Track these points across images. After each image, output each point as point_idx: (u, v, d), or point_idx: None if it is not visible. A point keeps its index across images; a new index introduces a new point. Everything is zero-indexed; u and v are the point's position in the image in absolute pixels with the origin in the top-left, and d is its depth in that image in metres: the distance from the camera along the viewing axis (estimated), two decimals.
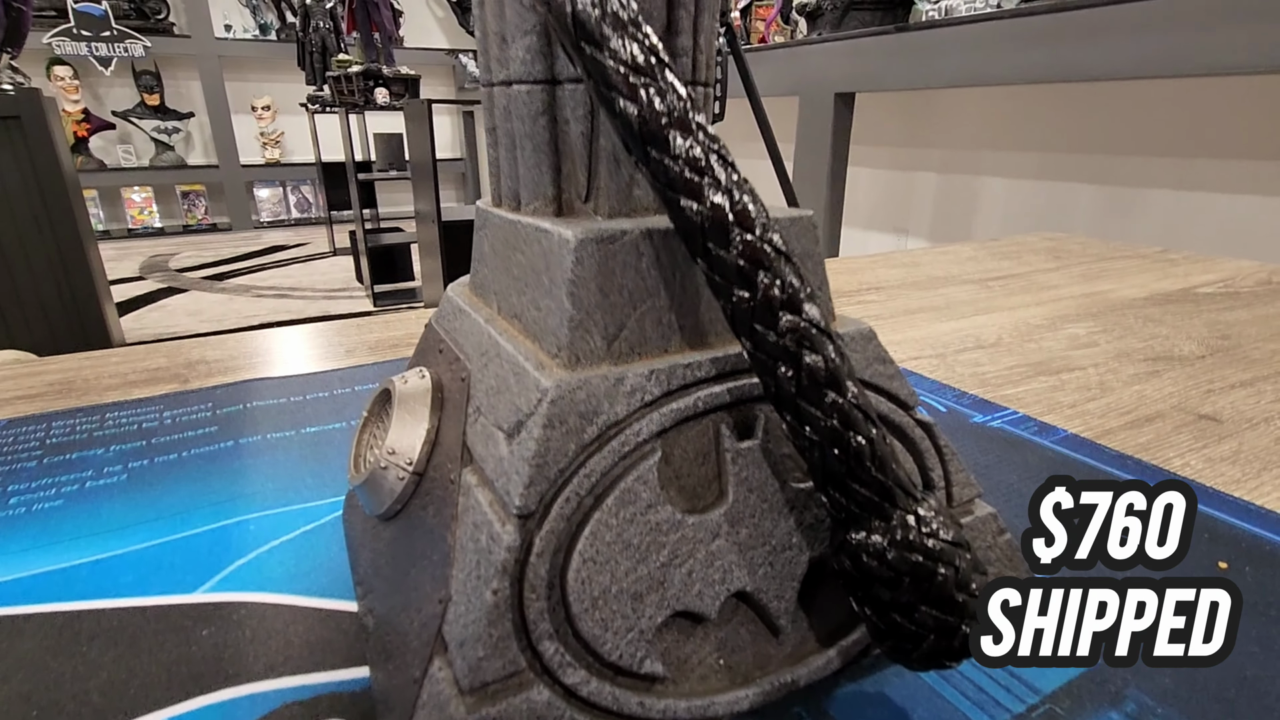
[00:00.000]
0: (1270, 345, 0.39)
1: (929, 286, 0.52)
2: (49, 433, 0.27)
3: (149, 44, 4.10)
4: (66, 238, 1.93)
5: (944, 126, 2.46)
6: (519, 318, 0.16)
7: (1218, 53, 1.25)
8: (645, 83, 0.13)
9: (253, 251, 4.06)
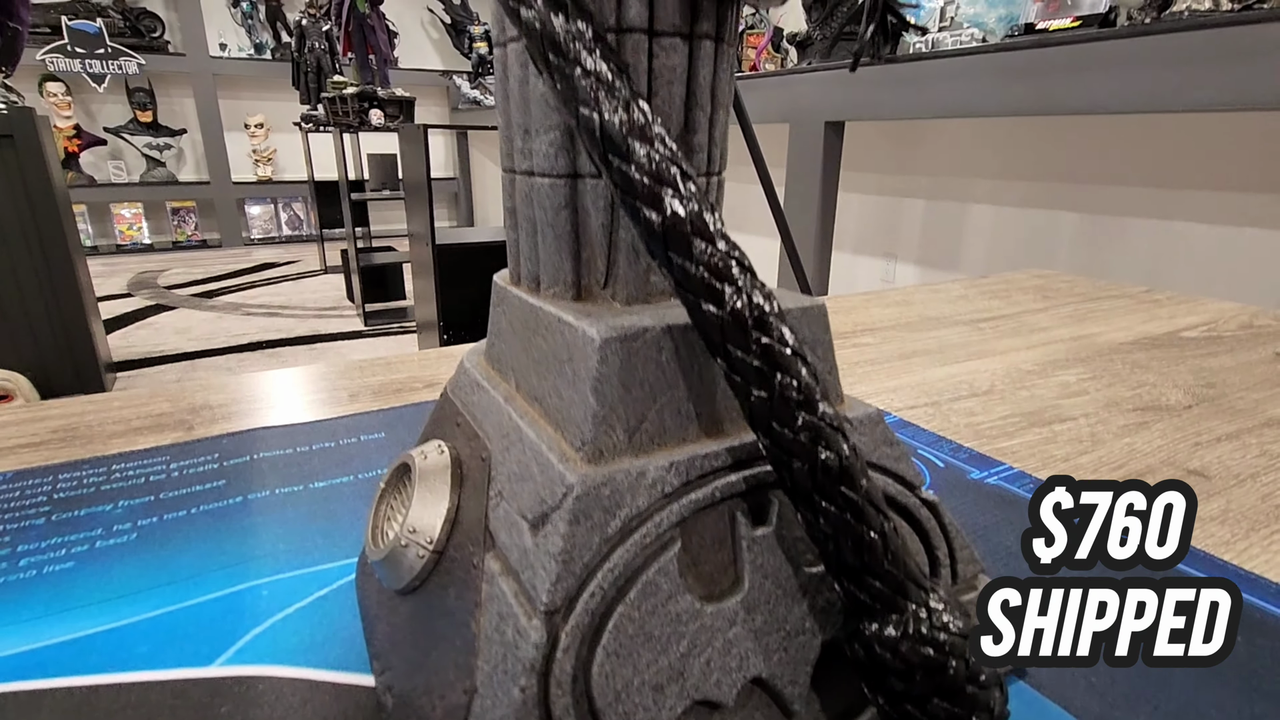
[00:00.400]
0: (1253, 394, 0.40)
1: (921, 328, 0.53)
2: (56, 486, 0.27)
3: (143, 61, 4.10)
4: (55, 256, 1.92)
5: (932, 154, 2.51)
6: (540, 401, 0.17)
7: (1194, 90, 1.29)
8: (668, 192, 0.13)
9: (243, 269, 4.04)
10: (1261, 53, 1.21)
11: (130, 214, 4.44)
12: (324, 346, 2.64)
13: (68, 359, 2.00)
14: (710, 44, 0.16)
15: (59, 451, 0.31)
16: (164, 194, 4.50)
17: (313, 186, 4.00)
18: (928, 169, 2.55)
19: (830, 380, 0.17)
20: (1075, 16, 1.53)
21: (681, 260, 0.13)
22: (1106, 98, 1.44)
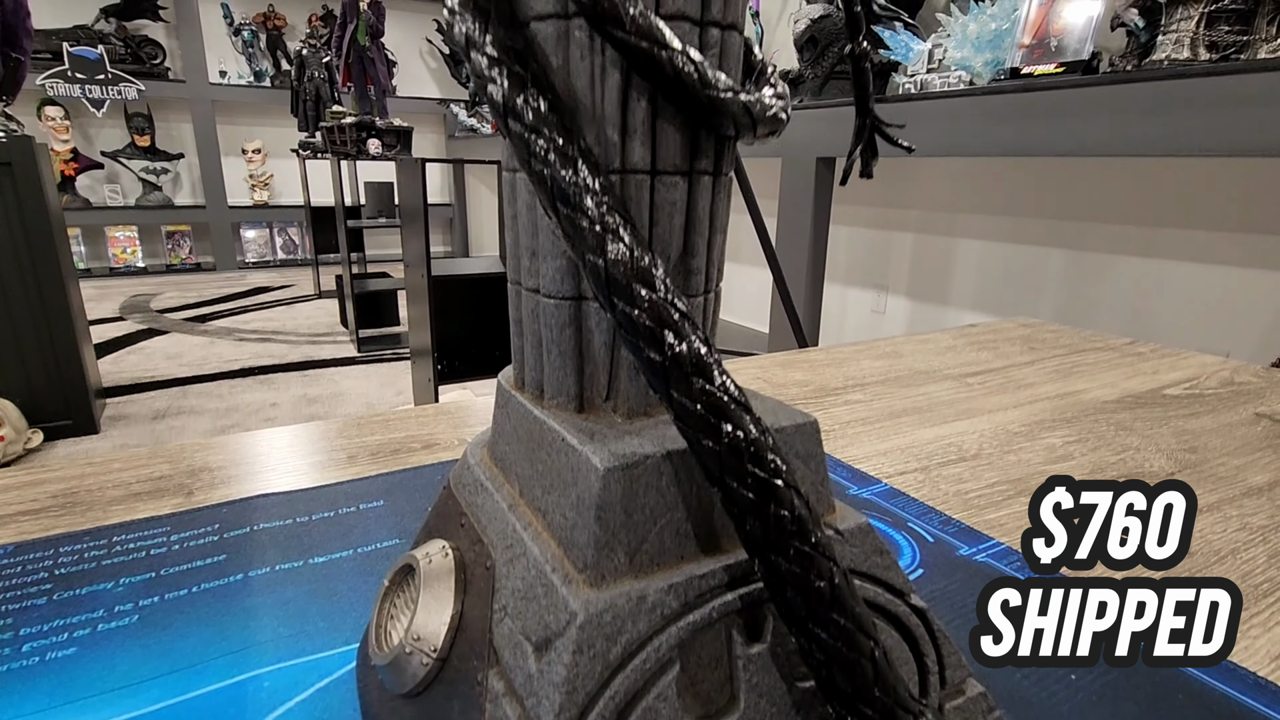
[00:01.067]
0: (1234, 460, 0.41)
1: (911, 383, 0.54)
2: (57, 561, 0.27)
3: (143, 87, 4.14)
4: (48, 283, 1.91)
5: (920, 189, 2.55)
6: (543, 513, 0.17)
7: (1173, 136, 1.33)
8: (669, 334, 0.14)
9: (237, 293, 4.04)
10: (1237, 102, 1.24)
11: (125, 237, 4.44)
12: (316, 373, 2.63)
13: (57, 385, 1.99)
14: (708, 178, 0.17)
15: (59, 520, 0.31)
16: (159, 217, 4.51)
17: (309, 211, 4.02)
18: (917, 203, 2.59)
19: (822, 491, 0.18)
20: (1059, 63, 1.58)
21: (681, 397, 0.14)
22: (1089, 141, 1.48)
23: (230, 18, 4.54)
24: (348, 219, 2.98)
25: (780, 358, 0.59)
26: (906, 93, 2.00)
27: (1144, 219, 1.93)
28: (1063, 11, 1.60)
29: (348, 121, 2.67)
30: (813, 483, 0.18)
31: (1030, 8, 1.68)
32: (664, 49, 0.14)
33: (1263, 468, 0.40)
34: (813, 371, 0.56)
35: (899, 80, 2.05)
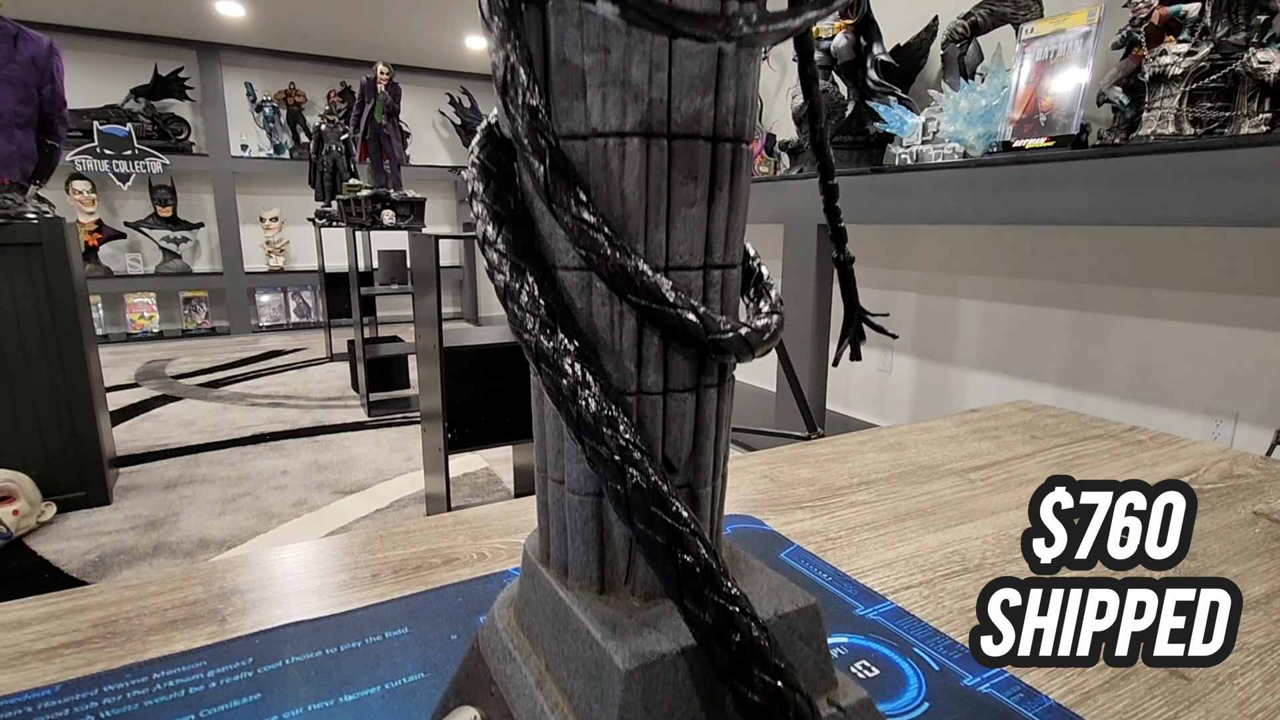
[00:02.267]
0: (1231, 568, 0.42)
1: (915, 479, 0.55)
2: (102, 703, 0.29)
3: (167, 161, 4.31)
4: (70, 356, 1.96)
5: (922, 250, 2.60)
6: (569, 696, 0.19)
7: (1159, 207, 1.37)
8: (686, 556, 0.16)
9: (250, 357, 4.11)
10: (1222, 176, 1.28)
11: (143, 303, 4.54)
12: (327, 438, 2.65)
13: (73, 456, 2.01)
14: (713, 390, 0.19)
15: (101, 652, 0.33)
16: (177, 284, 4.62)
17: (322, 277, 4.12)
18: (919, 264, 2.64)
19: (825, 668, 0.20)
20: (1049, 137, 1.64)
21: (693, 606, 0.16)
22: (1080, 211, 1.52)
23: (253, 95, 4.76)
24: (361, 285, 3.05)
25: (787, 453, 0.61)
26: (903, 163, 2.06)
27: (1144, 280, 1.96)
28: (1049, 88, 1.67)
29: (363, 194, 2.77)
30: (815, 662, 0.20)
31: (1019, 84, 1.75)
32: (671, 307, 0.16)
33: (1260, 576, 0.41)
34: (819, 468, 0.57)
35: (895, 151, 2.12)
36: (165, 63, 4.44)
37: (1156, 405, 1.94)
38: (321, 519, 1.96)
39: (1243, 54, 1.39)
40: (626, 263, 0.16)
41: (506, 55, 0.15)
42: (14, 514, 1.79)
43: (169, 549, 1.77)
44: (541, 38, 0.17)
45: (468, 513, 0.49)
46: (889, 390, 2.80)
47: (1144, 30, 1.48)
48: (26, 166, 1.91)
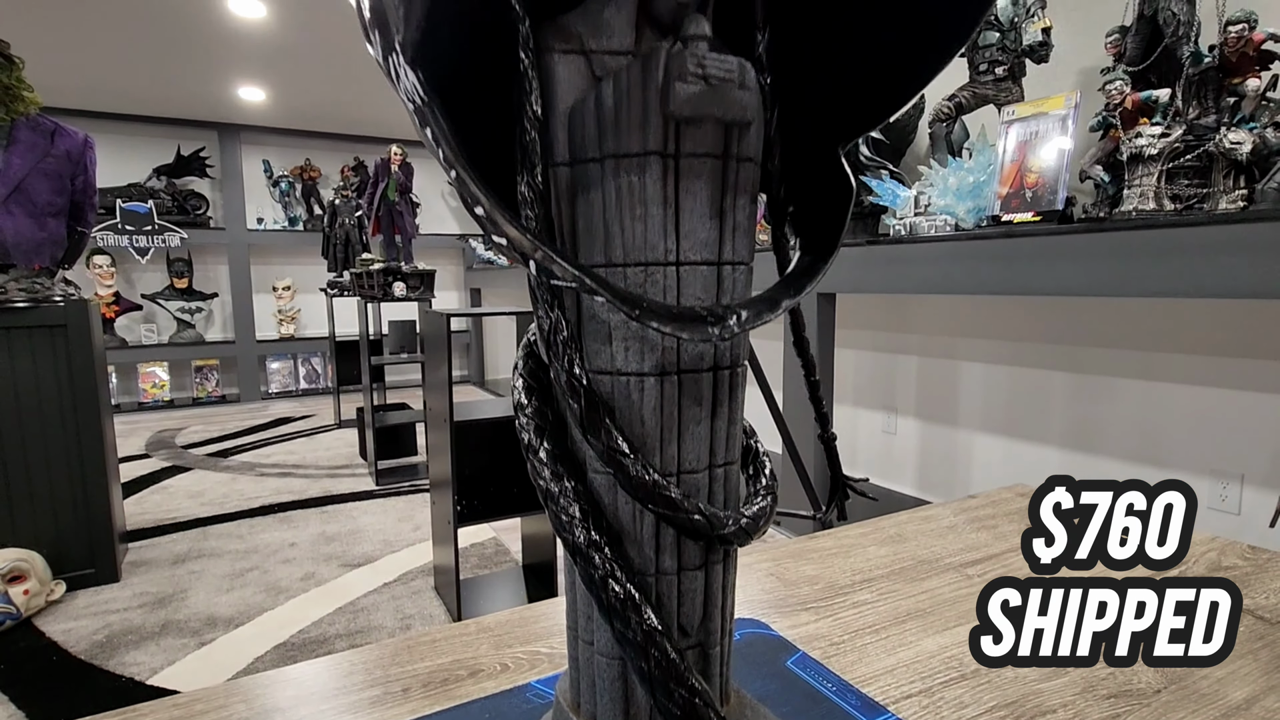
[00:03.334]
0: (1216, 671, 0.44)
1: (915, 575, 0.57)
2: None
3: (185, 235, 4.46)
4: (87, 435, 2.00)
5: (921, 314, 2.66)
6: None
7: (1142, 280, 1.42)
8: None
9: (259, 424, 4.14)
10: (1200, 250, 1.34)
11: (156, 372, 4.62)
12: (335, 508, 2.66)
13: (84, 533, 2.02)
14: (719, 566, 0.23)
15: None
16: (190, 353, 4.70)
17: (333, 344, 4.20)
18: (919, 328, 2.69)
19: None
20: (1036, 211, 1.71)
21: None
22: (1068, 283, 1.57)
23: (270, 171, 4.95)
24: (371, 354, 3.11)
25: (793, 548, 0.63)
26: (898, 235, 2.14)
27: (1143, 344, 2.00)
28: (1033, 166, 1.75)
29: (376, 268, 2.86)
30: None
31: (1004, 161, 1.83)
32: (682, 511, 0.20)
33: (1243, 679, 0.43)
34: (822, 564, 0.60)
35: (890, 222, 2.20)
36: (188, 143, 4.65)
37: (1161, 467, 1.95)
38: (329, 593, 1.95)
39: (1214, 135, 1.47)
40: (645, 477, 0.20)
41: (548, 315, 0.19)
42: (24, 594, 1.79)
43: (177, 627, 1.77)
44: (576, 301, 0.21)
45: (489, 619, 0.51)
46: (894, 451, 2.81)
47: (1118, 114, 1.56)
48: (56, 252, 2.00)
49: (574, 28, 0.19)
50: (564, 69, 0.19)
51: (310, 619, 1.80)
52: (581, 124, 0.19)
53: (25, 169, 1.89)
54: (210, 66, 3.52)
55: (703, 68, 0.18)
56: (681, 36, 0.19)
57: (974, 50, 2.03)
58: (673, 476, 0.20)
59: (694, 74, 0.18)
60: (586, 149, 0.19)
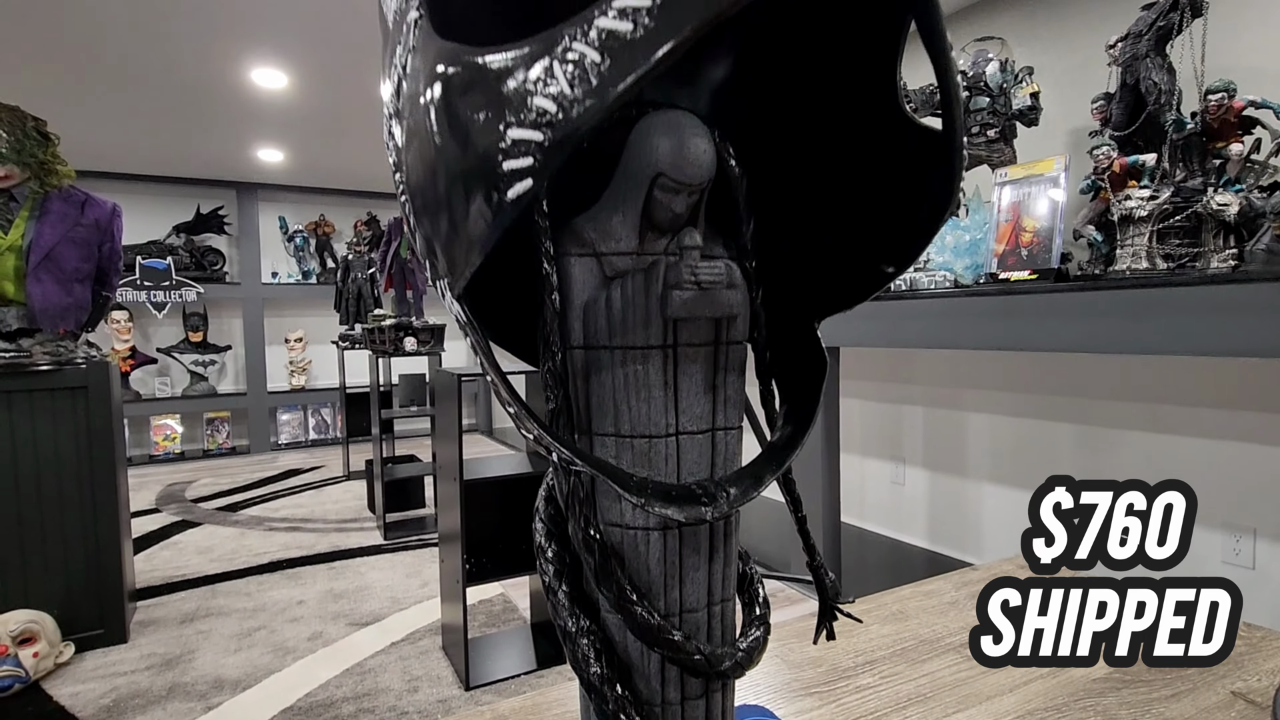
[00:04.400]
0: None
1: (916, 657, 0.59)
2: None
3: (202, 290, 4.56)
4: (103, 497, 2.03)
5: (925, 366, 2.68)
6: None
7: (1136, 337, 1.45)
8: None
9: (268, 477, 4.16)
10: (1196, 309, 1.37)
11: (169, 425, 4.67)
12: (343, 564, 2.66)
13: (95, 593, 2.03)
14: (719, 694, 0.25)
15: None
16: (203, 405, 4.76)
17: (343, 395, 4.25)
18: (923, 379, 2.71)
19: None
20: (1032, 269, 1.75)
21: None
22: (1066, 339, 1.60)
23: (286, 227, 5.10)
24: (381, 407, 3.15)
25: (798, 626, 0.65)
26: (898, 289, 2.18)
27: (1149, 396, 2.01)
28: (1027, 226, 1.80)
29: (387, 324, 2.93)
30: None
31: (999, 220, 1.89)
32: (683, 653, 0.23)
33: None
34: (825, 644, 0.61)
35: None
36: (208, 201, 4.80)
37: None
38: (337, 654, 1.94)
39: (1202, 197, 1.52)
40: (650, 621, 0.22)
41: (566, 481, 0.23)
42: (34, 656, 1.79)
43: (184, 690, 1.76)
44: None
45: (504, 706, 0.53)
46: (904, 502, 2.80)
47: (1107, 178, 1.61)
48: (81, 317, 2.07)
49: (586, 234, 0.23)
50: (579, 269, 0.23)
51: (318, 681, 1.79)
52: (594, 319, 0.22)
53: (55, 238, 1.97)
54: (232, 131, 3.67)
55: (695, 275, 0.22)
56: (678, 246, 0.22)
57: (965, 114, 2.11)
58: (675, 617, 0.23)
59: (688, 282, 0.21)
60: (598, 339, 0.22)
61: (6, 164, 1.85)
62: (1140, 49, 1.64)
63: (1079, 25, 2.16)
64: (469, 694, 1.70)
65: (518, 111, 0.15)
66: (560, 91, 0.14)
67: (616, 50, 0.14)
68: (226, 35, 2.49)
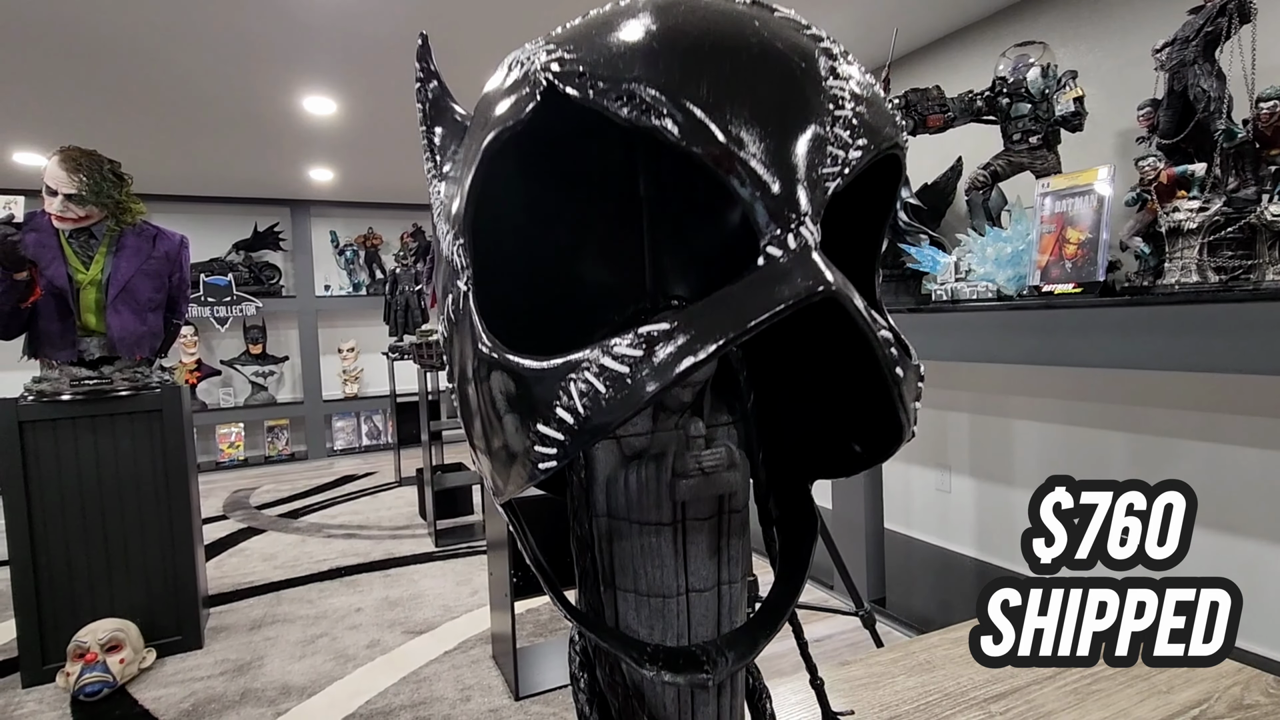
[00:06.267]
0: None
1: (940, 713, 0.61)
2: None
3: (260, 304, 4.78)
4: (178, 511, 2.17)
5: (971, 373, 2.64)
6: None
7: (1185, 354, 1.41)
8: None
9: (325, 483, 4.35)
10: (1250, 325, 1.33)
11: (232, 433, 4.91)
12: (397, 572, 2.77)
13: (173, 601, 2.18)
14: None
15: None
16: (263, 414, 4.99)
17: (394, 404, 4.41)
18: (969, 385, 2.67)
19: None
20: (1076, 282, 1.72)
21: None
22: (1111, 355, 1.57)
23: (337, 241, 5.29)
24: (430, 419, 3.26)
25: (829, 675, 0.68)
26: (939, 300, 2.16)
27: (1205, 404, 1.95)
28: (1070, 237, 1.77)
29: (434, 339, 3.03)
30: None
31: (1041, 231, 1.85)
32: None
33: None
34: (852, 697, 0.64)
35: (931, 287, 2.22)
36: (264, 219, 5.02)
37: (1229, 533, 1.89)
38: (393, 662, 2.04)
39: (1255, 207, 1.47)
40: None
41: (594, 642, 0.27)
42: (120, 662, 1.94)
43: (255, 696, 1.88)
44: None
45: None
46: (950, 510, 2.77)
47: (1154, 189, 1.57)
48: (155, 343, 2.21)
49: None
50: (602, 450, 0.27)
51: (377, 689, 1.88)
52: (615, 495, 0.26)
53: (131, 271, 2.11)
54: (286, 154, 3.83)
55: (700, 463, 0.25)
56: (685, 435, 0.26)
57: (1007, 120, 2.07)
58: None
59: (694, 470, 0.25)
60: (619, 512, 0.26)
61: (86, 205, 1.99)
62: (1188, 55, 1.59)
63: (1125, 24, 2.10)
64: (518, 704, 1.77)
65: (544, 415, 0.19)
66: (573, 406, 0.18)
67: (623, 382, 0.17)
68: (280, 68, 2.61)
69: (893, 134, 0.24)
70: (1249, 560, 1.82)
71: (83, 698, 1.83)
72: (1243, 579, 1.20)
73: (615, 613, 0.27)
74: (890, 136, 0.23)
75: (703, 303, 0.18)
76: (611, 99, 0.20)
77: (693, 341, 0.17)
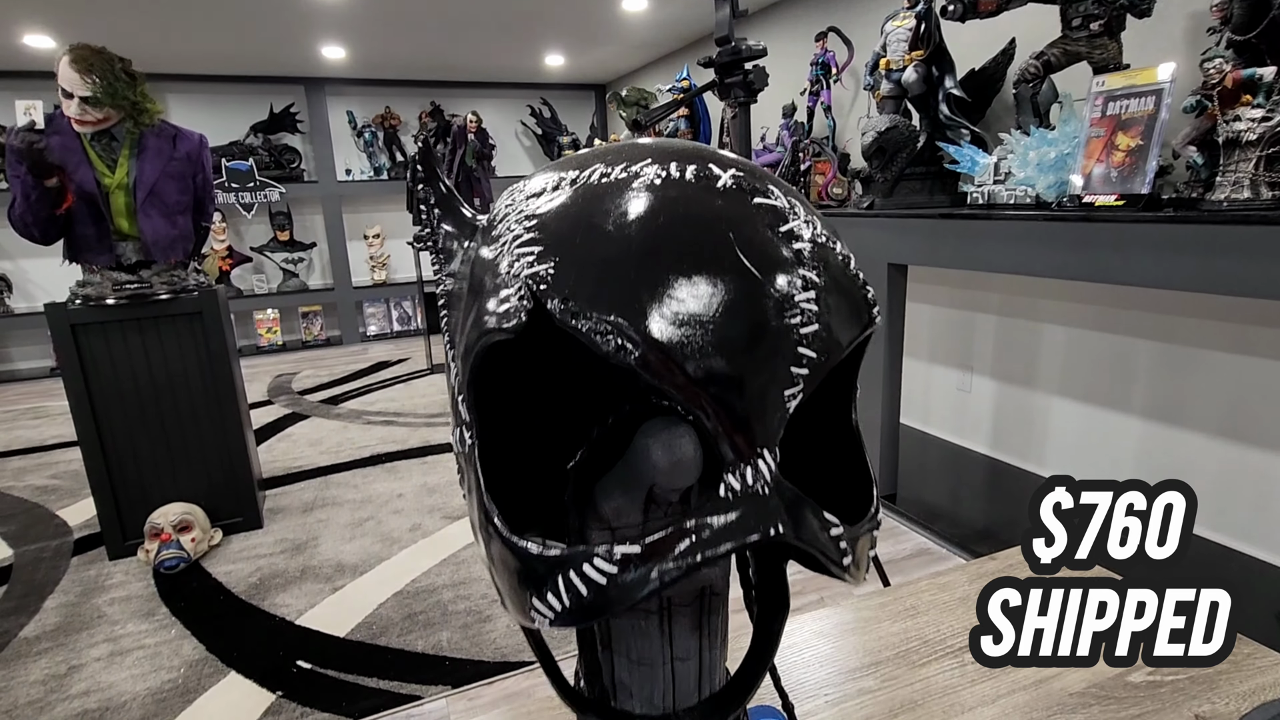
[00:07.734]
0: None
1: (917, 659, 0.68)
2: None
3: (283, 190, 4.76)
4: (225, 401, 2.31)
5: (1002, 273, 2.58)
6: None
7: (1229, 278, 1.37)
8: None
9: (361, 369, 4.53)
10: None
11: (268, 318, 5.07)
12: (435, 459, 2.96)
13: (232, 486, 2.37)
14: None
15: None
16: (296, 300, 5.12)
17: (421, 291, 4.48)
18: (998, 286, 2.62)
19: None
20: (1119, 194, 1.63)
21: None
22: (1149, 273, 1.53)
23: (354, 122, 5.14)
24: None
25: (815, 626, 0.75)
26: (974, 202, 2.08)
27: (1237, 316, 1.91)
28: (1120, 143, 1.66)
29: None
30: None
31: (1090, 135, 1.74)
32: None
33: None
34: (839, 641, 0.71)
35: (967, 189, 2.13)
36: (279, 100, 4.88)
37: (1250, 446, 1.91)
38: (435, 545, 2.23)
39: None
40: None
41: None
42: (192, 541, 2.15)
43: (313, 573, 2.09)
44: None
45: None
46: (969, 410, 2.81)
47: (1217, 93, 1.45)
48: (187, 246, 2.25)
49: (604, 511, 0.30)
50: (598, 539, 0.30)
51: (421, 569, 2.08)
52: None
53: (155, 174, 2.11)
54: (295, 29, 3.65)
55: None
56: None
57: (1068, 4, 1.88)
58: None
59: None
60: None
61: (103, 107, 1.97)
62: None
63: None
64: None
65: (539, 593, 0.22)
66: (561, 597, 0.21)
67: (602, 592, 0.20)
68: None
69: (857, 332, 0.24)
70: (1270, 469, 1.85)
71: (163, 570, 2.06)
72: (1264, 487, 1.20)
73: (611, 669, 0.32)
74: (855, 337, 0.24)
75: (671, 531, 0.21)
76: (593, 334, 0.21)
77: (659, 567, 0.20)
